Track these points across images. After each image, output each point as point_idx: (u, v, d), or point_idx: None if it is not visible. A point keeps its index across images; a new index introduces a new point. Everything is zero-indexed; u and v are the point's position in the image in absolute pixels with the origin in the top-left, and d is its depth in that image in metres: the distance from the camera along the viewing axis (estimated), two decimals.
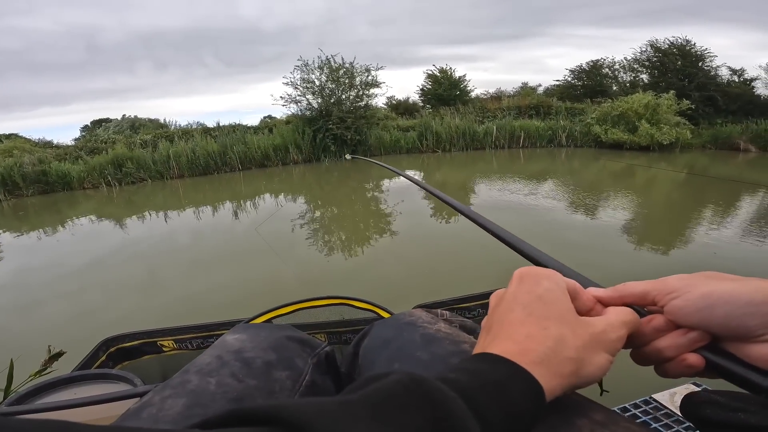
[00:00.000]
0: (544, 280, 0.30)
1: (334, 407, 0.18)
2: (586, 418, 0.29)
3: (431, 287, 2.88)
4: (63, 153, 10.23)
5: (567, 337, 0.27)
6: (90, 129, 15.93)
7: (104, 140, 11.18)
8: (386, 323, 0.53)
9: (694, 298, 0.28)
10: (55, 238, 5.62)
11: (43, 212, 7.62)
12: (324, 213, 6.00)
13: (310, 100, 10.76)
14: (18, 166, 8.90)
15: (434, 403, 0.21)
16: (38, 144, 12.68)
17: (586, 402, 0.32)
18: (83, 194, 8.85)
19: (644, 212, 5.15)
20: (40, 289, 3.65)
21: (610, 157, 9.64)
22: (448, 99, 14.58)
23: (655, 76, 13.15)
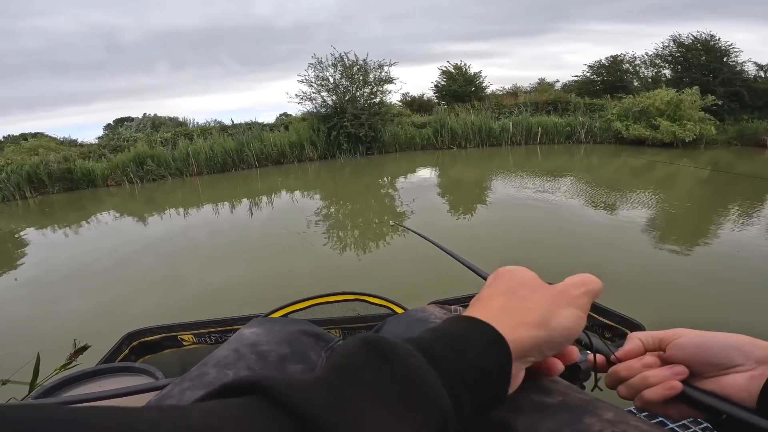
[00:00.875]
0: (517, 273, 0.34)
1: (304, 377, 0.21)
2: (595, 416, 0.29)
3: (446, 284, 2.87)
4: (87, 151, 10.55)
5: (527, 294, 0.31)
6: (113, 127, 16.39)
7: (126, 138, 11.49)
8: (398, 319, 0.53)
9: (693, 337, 0.35)
10: (79, 234, 5.82)
11: (68, 209, 7.89)
12: (338, 210, 6.03)
13: (324, 97, 10.80)
14: (44, 164, 9.22)
15: (389, 358, 0.22)
16: (63, 142, 13.12)
17: (596, 401, 0.32)
18: (106, 191, 9.12)
19: (666, 209, 5.00)
20: (65, 283, 3.79)
21: (631, 154, 9.39)
22: (463, 95, 14.43)
23: (679, 71, 12.76)
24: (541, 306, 0.30)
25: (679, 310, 2.44)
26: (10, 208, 8.40)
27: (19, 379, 1.18)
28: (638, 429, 0.28)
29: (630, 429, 0.28)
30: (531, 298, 0.31)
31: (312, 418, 0.18)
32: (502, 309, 0.30)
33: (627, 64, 14.86)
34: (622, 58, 14.86)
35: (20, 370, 1.19)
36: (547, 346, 0.30)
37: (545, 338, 0.29)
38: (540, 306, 0.30)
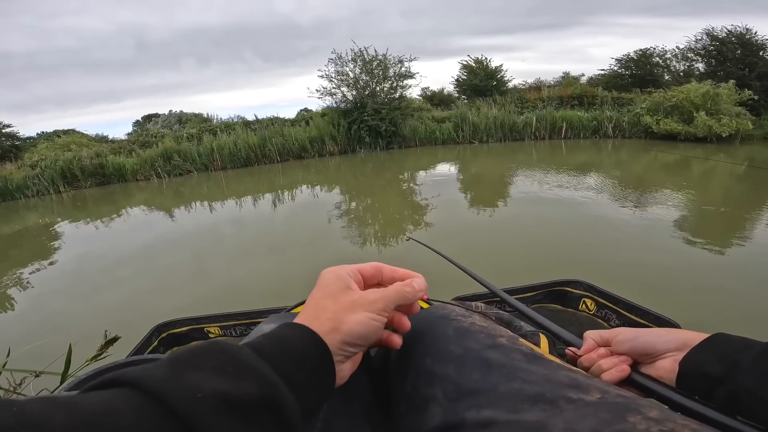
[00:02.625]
0: (327, 274, 0.40)
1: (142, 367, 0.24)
2: (639, 414, 0.29)
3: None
4: (118, 147, 10.94)
5: (328, 305, 0.36)
6: (141, 124, 16.93)
7: (154, 134, 11.84)
8: (419, 317, 0.52)
9: (627, 333, 0.44)
10: (111, 227, 6.03)
11: (101, 203, 8.20)
12: (359, 204, 6.04)
13: (345, 92, 10.84)
14: (77, 160, 9.61)
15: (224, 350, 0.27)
16: (94, 139, 13.65)
17: (637, 398, 0.32)
18: (136, 186, 9.43)
19: (700, 206, 4.79)
20: (98, 275, 3.92)
21: (663, 149, 9.03)
22: (484, 89, 14.19)
23: (713, 65, 12.29)
24: (335, 315, 0.35)
25: (714, 309, 2.34)
26: (45, 202, 8.80)
27: (53, 369, 1.24)
28: (687, 427, 0.27)
29: (678, 428, 0.27)
30: (329, 307, 0.36)
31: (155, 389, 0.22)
32: (312, 316, 0.35)
33: (657, 58, 14.35)
34: (651, 52, 14.35)
35: (55, 361, 1.24)
36: (347, 346, 0.34)
37: (341, 340, 0.34)
38: (333, 315, 0.35)
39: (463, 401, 0.36)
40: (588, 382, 0.34)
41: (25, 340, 2.55)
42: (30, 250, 5.29)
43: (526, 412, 0.32)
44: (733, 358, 0.36)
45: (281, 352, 0.30)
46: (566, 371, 0.36)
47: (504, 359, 0.39)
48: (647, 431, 0.27)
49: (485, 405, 0.35)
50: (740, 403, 0.34)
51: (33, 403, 0.19)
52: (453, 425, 0.35)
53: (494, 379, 0.37)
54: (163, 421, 0.21)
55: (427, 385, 0.40)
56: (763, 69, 11.12)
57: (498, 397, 0.35)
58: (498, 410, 0.33)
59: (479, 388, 0.36)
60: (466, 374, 0.38)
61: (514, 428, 0.31)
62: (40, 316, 3.11)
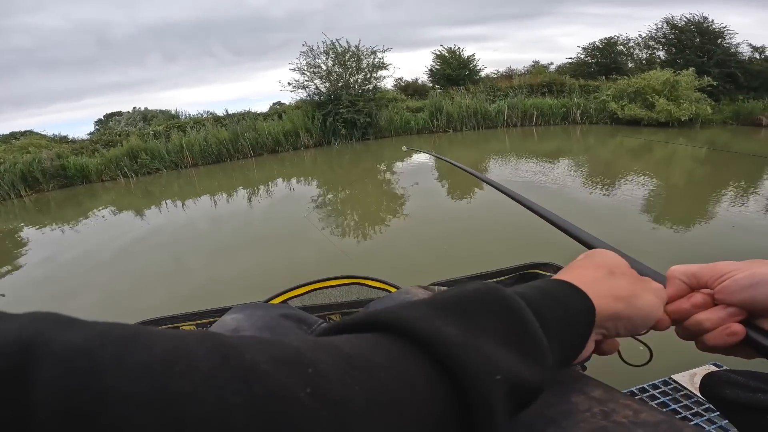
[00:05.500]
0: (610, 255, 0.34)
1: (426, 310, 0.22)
2: (583, 394, 0.29)
3: (449, 266, 2.90)
4: (79, 147, 10.40)
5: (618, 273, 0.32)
6: (103, 123, 16.12)
7: (118, 133, 11.32)
8: (383, 301, 0.54)
9: (740, 279, 0.30)
10: (79, 230, 5.77)
11: (65, 205, 7.82)
12: (337, 195, 6.02)
13: (318, 84, 10.68)
14: (37, 162, 9.09)
15: (510, 310, 0.24)
16: (54, 139, 12.91)
17: (585, 378, 0.31)
18: (102, 186, 9.02)
19: (663, 188, 5.04)
20: (70, 280, 3.76)
21: (628, 134, 9.40)
22: (457, 79, 14.30)
23: (673, 53, 12.77)
24: (629, 285, 0.31)
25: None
26: (6, 207, 8.30)
27: None
28: (627, 407, 0.27)
29: (619, 407, 0.27)
30: (621, 276, 0.32)
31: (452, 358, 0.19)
32: (593, 279, 0.30)
33: (621, 46, 14.82)
34: (615, 40, 14.81)
35: None
36: (622, 323, 0.30)
37: (626, 314, 0.30)
38: (628, 285, 0.31)
39: None
40: None
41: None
42: None
43: None
44: None
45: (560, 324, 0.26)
46: None
47: None
48: (588, 411, 0.27)
49: None
50: None
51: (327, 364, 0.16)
52: None
53: None
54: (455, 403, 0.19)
55: None
56: (721, 56, 11.63)
57: None
58: None
59: None
60: None
61: None
62: None
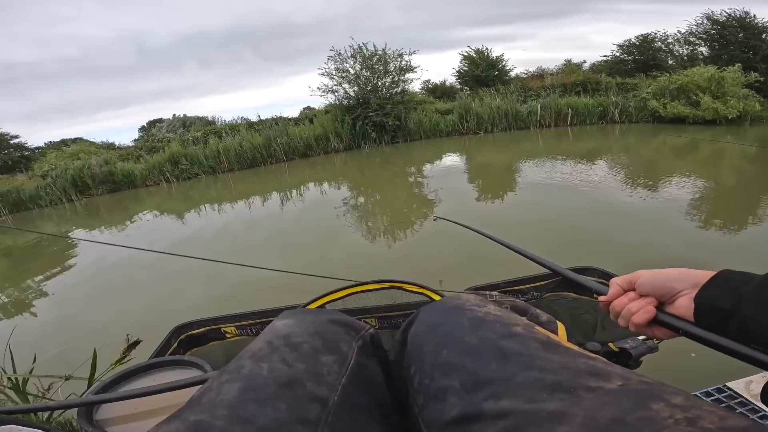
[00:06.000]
0: None
1: None
2: (663, 401, 0.28)
3: (483, 270, 2.86)
4: (125, 153, 11.04)
5: None
6: (146, 129, 17.05)
7: (160, 139, 11.93)
8: (433, 308, 0.53)
9: (647, 276, 0.46)
10: (125, 233, 6.11)
11: (113, 209, 8.31)
12: (368, 198, 6.06)
13: (346, 89, 10.81)
14: (87, 168, 9.72)
15: None
16: (102, 146, 13.78)
17: (662, 385, 0.31)
18: (146, 191, 9.52)
19: (710, 188, 4.75)
20: (115, 280, 3.98)
21: (671, 132, 8.93)
22: (486, 80, 14.10)
23: (716, 49, 12.22)
24: None
25: None
26: (59, 211, 8.91)
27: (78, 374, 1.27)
28: (712, 413, 0.26)
29: (704, 414, 0.26)
30: None
31: None
32: None
33: (659, 43, 14.24)
34: (653, 37, 14.24)
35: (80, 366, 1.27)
36: None
37: None
38: None
39: (480, 391, 0.36)
40: (608, 369, 0.34)
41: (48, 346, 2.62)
42: (48, 259, 5.39)
43: (545, 401, 0.32)
44: (738, 291, 0.37)
45: None
46: (585, 359, 0.36)
47: (520, 348, 0.39)
48: (671, 417, 0.26)
49: (502, 395, 0.34)
50: (750, 333, 0.36)
51: None
52: (471, 416, 0.35)
53: (511, 368, 0.37)
54: None
55: (444, 376, 0.40)
56: (767, 51, 11.00)
57: (516, 386, 0.35)
58: (516, 400, 0.33)
59: (496, 378, 0.36)
60: (482, 364, 0.38)
61: (532, 418, 0.31)
62: (61, 321, 3.18)
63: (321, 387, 0.42)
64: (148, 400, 0.67)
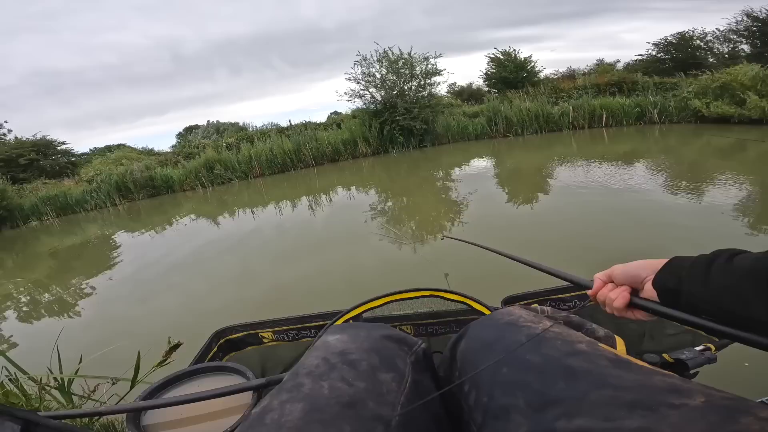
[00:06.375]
0: None
1: None
2: (751, 415, 0.28)
3: (514, 278, 2.78)
4: (164, 159, 11.59)
5: None
6: (183, 136, 17.82)
7: (196, 145, 12.44)
8: (483, 324, 0.52)
9: (619, 268, 0.53)
10: (164, 236, 6.40)
11: (153, 213, 8.72)
12: (396, 203, 6.07)
13: (373, 93, 10.90)
14: (129, 174, 10.26)
15: None
16: (142, 152, 14.49)
17: (743, 400, 0.31)
18: (183, 196, 9.95)
19: (759, 190, 4.46)
20: (155, 281, 4.17)
21: (715, 132, 8.45)
22: (515, 82, 13.84)
23: (758, 46, 11.66)
24: None
25: None
26: (103, 214, 9.44)
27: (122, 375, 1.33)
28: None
29: None
30: None
31: None
32: None
33: (698, 41, 13.58)
34: (691, 35, 13.60)
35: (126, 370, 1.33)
36: None
37: None
38: None
39: (549, 411, 0.36)
40: (688, 387, 0.33)
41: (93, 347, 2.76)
42: (93, 260, 5.72)
43: (625, 419, 0.31)
44: (680, 272, 0.44)
45: None
46: (660, 376, 0.36)
47: (589, 366, 0.38)
48: (762, 431, 0.26)
49: (576, 414, 0.34)
50: (695, 305, 0.41)
51: None
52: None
53: (582, 386, 0.36)
54: None
55: (506, 394, 0.40)
56: None
57: (589, 405, 0.34)
58: (591, 419, 0.33)
59: (566, 397, 0.36)
60: (549, 382, 0.38)
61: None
62: (104, 322, 3.33)
63: (382, 406, 0.42)
64: (193, 406, 0.69)
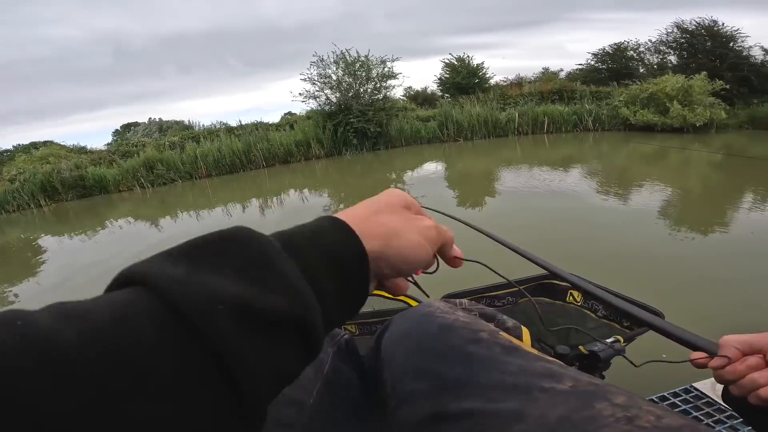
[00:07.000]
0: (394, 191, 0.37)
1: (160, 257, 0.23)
2: (606, 401, 0.30)
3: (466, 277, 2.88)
4: (98, 158, 10.68)
5: (383, 212, 0.33)
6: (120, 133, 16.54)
7: (135, 144, 11.60)
8: (405, 315, 0.54)
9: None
10: (97, 240, 5.89)
11: (83, 216, 7.99)
12: (350, 206, 6.03)
13: (328, 94, 10.81)
14: (56, 172, 9.34)
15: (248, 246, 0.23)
16: (73, 150, 13.27)
17: (608, 386, 0.33)
18: (119, 197, 9.22)
19: (679, 195, 4.96)
20: (88, 288, 3.81)
21: (641, 140, 9.30)
22: (467, 87, 14.37)
23: (684, 57, 12.76)
24: (391, 224, 0.32)
25: (698, 296, 2.43)
26: (26, 216, 8.53)
27: None
28: (650, 413, 0.28)
29: (642, 413, 0.28)
30: (386, 216, 0.32)
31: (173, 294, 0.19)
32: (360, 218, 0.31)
33: (631, 51, 14.78)
34: (626, 46, 14.78)
35: None
36: (384, 263, 0.30)
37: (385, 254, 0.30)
38: (390, 224, 0.32)
39: (446, 394, 0.38)
40: (562, 371, 0.35)
41: None
42: (16, 266, 5.13)
43: (503, 401, 0.34)
44: None
45: (315, 251, 0.26)
46: (542, 362, 0.38)
47: (484, 352, 0.40)
48: (612, 416, 0.28)
49: (465, 396, 0.36)
50: None
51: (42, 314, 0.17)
52: (438, 416, 0.37)
53: (475, 371, 0.38)
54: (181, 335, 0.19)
55: (414, 380, 0.42)
56: (733, 60, 11.53)
57: (478, 388, 0.36)
58: (477, 400, 0.35)
59: (461, 381, 0.38)
60: (449, 368, 0.40)
61: (491, 417, 0.33)
62: None
63: (296, 391, 0.43)
64: None
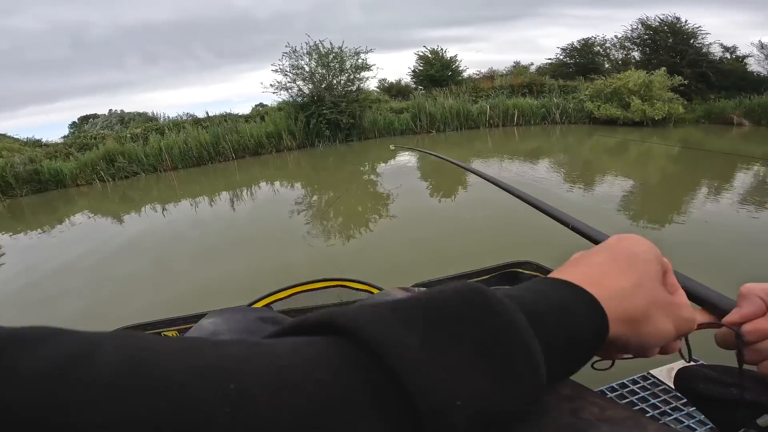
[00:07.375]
0: (643, 243, 0.29)
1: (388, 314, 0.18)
2: (553, 392, 0.29)
3: (435, 266, 2.93)
4: (53, 151, 10.08)
5: (645, 287, 0.26)
6: (78, 125, 15.64)
7: (93, 136, 11.01)
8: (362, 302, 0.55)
9: None
10: (55, 236, 5.59)
11: (40, 211, 7.55)
12: (322, 198, 6.00)
13: (300, 86, 10.61)
14: (9, 167, 8.76)
15: (494, 315, 0.19)
16: (27, 143, 12.46)
17: None
18: (77, 191, 8.76)
19: (638, 186, 5.21)
20: (49, 286, 3.62)
21: (604, 133, 9.66)
22: (440, 80, 14.45)
23: (647, 53, 13.15)
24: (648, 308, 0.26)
25: None
26: None
27: None
28: (594, 404, 0.27)
29: (586, 405, 0.27)
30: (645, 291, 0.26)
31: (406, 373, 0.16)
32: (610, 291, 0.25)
33: (598, 47, 15.24)
34: (593, 41, 15.21)
35: None
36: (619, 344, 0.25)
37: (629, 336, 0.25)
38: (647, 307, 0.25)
39: None
40: None
41: None
42: None
43: None
44: None
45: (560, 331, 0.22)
46: None
47: None
48: (557, 408, 0.27)
49: None
50: None
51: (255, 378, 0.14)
52: None
53: None
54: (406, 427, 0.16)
55: None
56: (693, 56, 12.03)
57: None
58: None
59: None
60: None
61: None
62: None
63: None
64: None
